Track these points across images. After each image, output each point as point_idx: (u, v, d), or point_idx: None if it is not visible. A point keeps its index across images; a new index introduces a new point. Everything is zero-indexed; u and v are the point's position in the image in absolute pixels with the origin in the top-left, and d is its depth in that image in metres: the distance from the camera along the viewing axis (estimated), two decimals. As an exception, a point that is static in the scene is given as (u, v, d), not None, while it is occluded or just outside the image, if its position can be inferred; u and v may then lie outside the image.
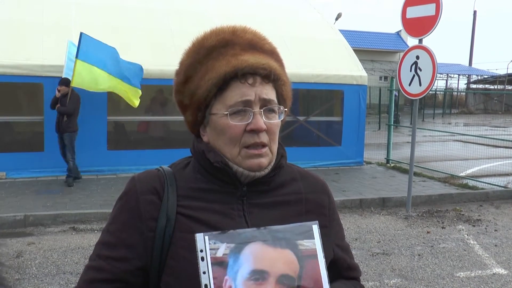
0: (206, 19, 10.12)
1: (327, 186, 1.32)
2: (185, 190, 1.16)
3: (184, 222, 1.12)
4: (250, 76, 1.11)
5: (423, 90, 6.94)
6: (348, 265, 1.31)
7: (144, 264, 1.12)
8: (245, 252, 0.99)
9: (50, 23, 9.23)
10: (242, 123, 1.11)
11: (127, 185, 1.20)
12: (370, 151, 12.42)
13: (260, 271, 0.99)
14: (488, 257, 5.60)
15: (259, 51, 1.14)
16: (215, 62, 1.12)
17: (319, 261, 1.04)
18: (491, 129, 22.86)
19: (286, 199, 1.20)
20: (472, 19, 44.94)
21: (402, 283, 4.80)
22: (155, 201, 1.14)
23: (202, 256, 0.97)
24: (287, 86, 1.19)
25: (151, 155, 9.24)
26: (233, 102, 1.11)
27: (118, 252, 1.13)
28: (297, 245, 1.03)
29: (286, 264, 1.01)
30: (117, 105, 10.17)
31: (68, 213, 6.57)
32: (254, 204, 1.17)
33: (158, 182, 1.16)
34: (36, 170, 8.62)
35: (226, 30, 1.16)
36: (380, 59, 35.79)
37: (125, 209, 1.16)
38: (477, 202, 8.20)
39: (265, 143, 1.13)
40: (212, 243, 0.98)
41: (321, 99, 11.44)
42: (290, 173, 1.26)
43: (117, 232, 1.15)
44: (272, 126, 1.14)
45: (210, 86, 1.11)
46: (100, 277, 1.13)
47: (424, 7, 6.89)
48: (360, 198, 7.78)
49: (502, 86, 40.63)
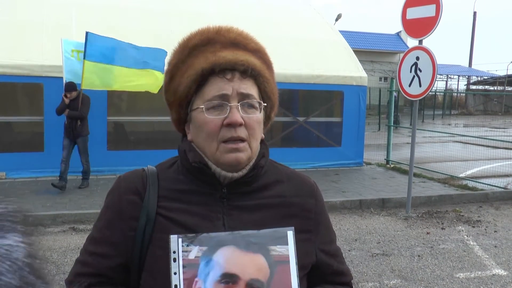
0: (206, 20, 10.07)
1: (315, 189, 1.29)
2: (167, 191, 1.17)
3: (163, 222, 1.13)
4: (228, 71, 1.11)
5: (423, 91, 6.94)
6: (334, 270, 1.28)
7: (125, 261, 1.16)
8: (217, 256, 1.00)
9: (51, 23, 9.23)
10: (219, 117, 1.11)
11: (114, 184, 1.23)
12: (370, 152, 12.43)
13: (231, 275, 1.00)
14: (488, 258, 5.60)
15: (241, 49, 1.14)
16: (194, 60, 1.13)
17: (291, 267, 1.04)
18: (491, 130, 22.87)
19: (269, 202, 1.18)
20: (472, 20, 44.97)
21: (402, 284, 4.80)
22: (136, 201, 1.16)
23: (175, 257, 1.00)
24: (271, 84, 1.19)
25: (151, 155, 9.21)
26: (211, 96, 1.11)
27: (102, 248, 1.17)
28: (270, 250, 1.03)
29: (257, 269, 1.01)
30: (117, 105, 10.17)
31: (68, 213, 6.58)
32: (235, 206, 1.16)
33: (141, 182, 1.18)
34: (36, 170, 8.62)
35: (211, 29, 1.17)
36: (380, 60, 35.81)
37: (110, 208, 1.20)
38: (476, 203, 8.20)
39: (243, 137, 1.11)
40: (185, 245, 1.00)
41: (321, 100, 11.44)
42: (276, 175, 1.23)
43: (102, 229, 1.20)
44: (250, 121, 1.12)
45: (189, 83, 1.13)
46: (85, 271, 1.18)
47: (424, 8, 6.90)
48: (360, 199, 7.78)
49: (502, 87, 40.65)
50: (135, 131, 11.06)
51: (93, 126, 8.87)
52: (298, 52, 10.58)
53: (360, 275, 4.99)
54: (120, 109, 10.79)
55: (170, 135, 11.08)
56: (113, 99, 9.44)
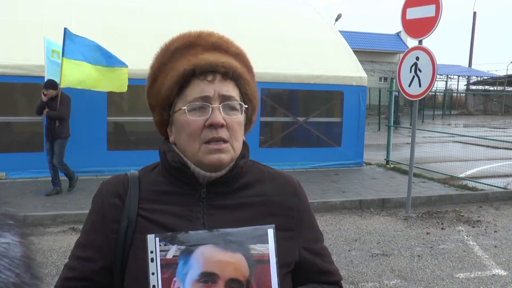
0: (207, 20, 10.13)
1: (298, 187, 1.29)
2: (148, 193, 1.19)
3: (144, 224, 1.15)
4: (209, 73, 1.13)
5: (423, 91, 6.94)
6: (320, 269, 1.27)
7: (109, 264, 1.17)
8: (196, 255, 0.99)
9: (50, 23, 9.23)
10: (201, 118, 1.12)
11: (98, 189, 1.25)
12: (370, 152, 12.43)
13: (210, 274, 0.99)
14: (488, 258, 5.60)
15: (222, 52, 1.16)
16: (176, 62, 1.15)
17: (271, 266, 1.02)
18: (491, 130, 22.87)
19: (250, 201, 1.19)
20: (472, 20, 44.97)
21: (402, 284, 4.80)
22: (118, 203, 1.18)
23: (152, 257, 0.99)
24: (251, 86, 1.20)
25: (151, 156, 9.20)
26: (192, 98, 1.13)
27: (87, 252, 1.20)
28: (249, 249, 1.02)
29: (236, 268, 1.00)
30: (117, 105, 10.17)
31: (68, 214, 6.58)
32: (214, 206, 1.17)
33: (122, 186, 1.21)
34: (36, 171, 8.62)
35: (193, 34, 1.19)
36: (380, 60, 35.81)
37: (94, 212, 1.23)
38: (476, 203, 8.20)
39: (225, 138, 1.13)
40: (163, 244, 0.99)
41: (320, 100, 11.44)
42: (257, 174, 1.24)
43: (87, 233, 1.22)
44: (232, 123, 1.14)
45: (171, 84, 1.14)
46: (71, 275, 1.20)
47: (424, 8, 6.90)
48: (360, 199, 7.78)
49: (502, 87, 40.66)
50: (135, 131, 11.05)
51: (93, 126, 8.89)
52: (298, 52, 10.58)
53: (360, 275, 5.00)
54: (120, 109, 10.78)
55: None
56: (113, 99, 9.43)
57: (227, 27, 9.99)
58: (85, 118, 8.73)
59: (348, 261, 5.37)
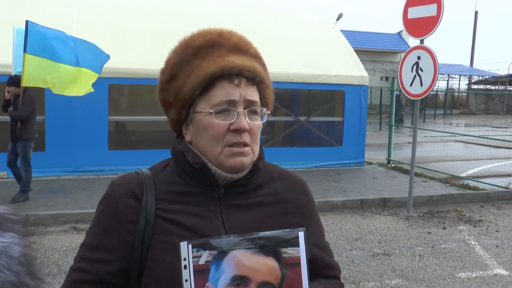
0: (207, 20, 10.11)
1: (305, 185, 1.33)
2: (164, 193, 1.18)
3: (163, 224, 1.14)
4: (235, 77, 1.13)
5: (424, 91, 6.94)
6: (327, 264, 1.31)
7: (125, 266, 1.15)
8: (228, 259, 1.00)
9: (51, 23, 9.21)
10: (225, 122, 1.13)
11: (107, 189, 1.22)
12: (371, 152, 12.42)
13: (242, 277, 0.99)
14: (489, 257, 5.60)
15: (245, 54, 1.17)
16: (202, 62, 1.14)
17: (302, 269, 1.03)
18: (492, 129, 22.84)
19: (264, 200, 1.21)
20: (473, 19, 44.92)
21: (403, 284, 4.80)
22: (134, 204, 1.16)
23: (185, 264, 0.99)
24: (270, 90, 1.22)
25: (152, 155, 9.22)
26: (218, 101, 1.13)
27: (99, 254, 1.16)
28: (281, 252, 1.02)
29: (268, 271, 1.01)
30: (118, 104, 10.18)
31: (69, 213, 6.58)
32: (232, 205, 1.18)
33: (137, 186, 1.18)
34: (37, 170, 8.61)
35: (213, 32, 1.19)
36: (381, 60, 35.78)
37: (105, 213, 1.19)
38: (478, 202, 8.19)
39: (247, 143, 1.15)
40: (195, 251, 0.99)
41: (322, 99, 11.44)
42: (268, 174, 1.27)
43: (99, 235, 1.18)
44: (254, 127, 1.16)
45: (196, 85, 1.13)
46: (83, 278, 1.16)
47: (426, 8, 6.89)
48: (361, 199, 7.78)
49: (504, 87, 40.61)
50: (136, 131, 11.06)
51: (94, 125, 8.89)
52: (299, 51, 10.57)
53: (361, 274, 4.99)
54: (121, 109, 10.80)
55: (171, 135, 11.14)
56: (114, 98, 9.44)
57: (228, 27, 9.98)
58: (86, 117, 8.74)
59: (349, 260, 5.36)
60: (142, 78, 8.95)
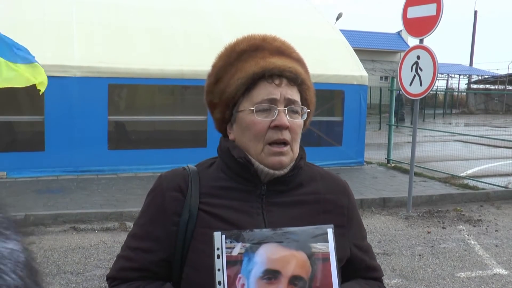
0: (207, 19, 10.13)
1: (347, 187, 1.37)
2: (208, 188, 1.23)
3: (205, 218, 1.19)
4: (277, 77, 1.19)
5: (424, 90, 6.93)
6: (367, 266, 1.34)
7: (168, 256, 1.21)
8: (260, 252, 1.02)
9: (51, 22, 9.23)
10: (267, 119, 1.18)
11: (155, 182, 1.28)
12: (371, 151, 12.42)
13: (273, 271, 1.02)
14: (489, 257, 5.60)
15: (287, 56, 1.23)
16: (244, 64, 1.20)
17: (331, 264, 1.06)
18: (492, 129, 22.85)
19: (305, 198, 1.25)
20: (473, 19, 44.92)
21: (403, 283, 4.80)
22: (179, 197, 1.22)
23: (218, 254, 1.02)
24: (311, 91, 1.28)
25: (152, 155, 9.24)
26: (260, 99, 1.18)
27: (145, 244, 1.23)
28: (311, 247, 1.05)
29: (298, 265, 1.03)
30: (118, 104, 10.18)
31: (69, 213, 6.57)
32: (273, 203, 1.22)
33: (183, 180, 1.24)
34: (37, 170, 8.62)
35: (257, 37, 1.26)
36: (381, 59, 35.79)
37: (152, 205, 1.26)
38: (477, 202, 8.19)
39: (287, 140, 1.19)
40: (229, 242, 1.02)
41: (321, 99, 11.36)
42: (310, 174, 1.31)
43: (145, 226, 1.25)
44: (294, 125, 1.20)
45: (239, 85, 1.19)
46: (128, 265, 1.24)
47: (425, 7, 6.89)
48: (361, 198, 7.77)
49: (503, 86, 40.59)
50: (136, 131, 11.05)
51: (94, 125, 8.88)
52: (298, 51, 10.55)
53: (361, 274, 4.99)
54: (121, 108, 10.79)
55: (171, 134, 11.11)
56: (114, 98, 9.44)
57: (228, 25, 9.99)
58: (86, 117, 8.72)
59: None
60: (142, 78, 8.94)
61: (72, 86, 8.53)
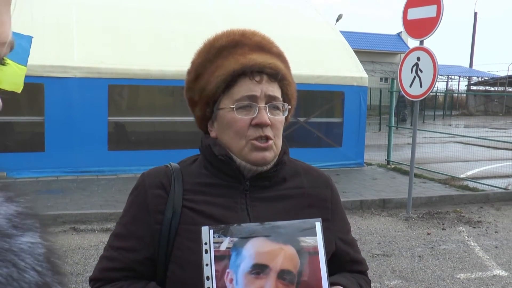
0: (207, 20, 10.12)
1: (330, 180, 1.36)
2: (191, 185, 1.22)
3: (189, 215, 1.18)
4: (257, 74, 1.17)
5: (424, 92, 6.94)
6: (352, 259, 1.34)
7: (152, 254, 1.20)
8: (248, 247, 1.02)
9: (51, 23, 9.23)
10: (247, 117, 1.17)
11: (138, 181, 1.27)
12: (371, 152, 12.42)
13: (262, 265, 1.02)
14: (489, 258, 5.60)
15: (267, 52, 1.21)
16: (224, 60, 1.18)
17: (320, 258, 1.06)
18: (492, 130, 22.86)
19: (288, 193, 1.25)
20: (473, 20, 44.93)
21: (403, 285, 4.79)
22: (162, 195, 1.21)
23: (206, 248, 1.01)
24: (292, 87, 1.26)
25: (151, 156, 9.23)
26: (240, 96, 1.17)
27: (128, 243, 1.22)
28: (299, 241, 1.05)
29: (287, 259, 1.03)
30: (118, 105, 10.17)
31: (69, 214, 6.57)
32: (257, 198, 1.22)
33: (165, 177, 1.23)
34: (37, 170, 8.62)
35: (236, 32, 1.24)
36: (381, 61, 35.80)
37: (135, 203, 1.25)
38: (477, 203, 8.19)
39: (270, 136, 1.18)
40: (216, 236, 1.02)
41: (321, 100, 11.44)
42: (293, 168, 1.30)
43: (128, 225, 1.24)
44: (276, 122, 1.19)
45: (219, 82, 1.18)
46: (111, 266, 1.22)
47: (425, 9, 6.89)
48: (361, 199, 7.77)
49: (503, 88, 40.61)
50: (136, 131, 11.06)
51: (94, 126, 8.88)
52: (298, 52, 10.56)
53: (361, 275, 4.99)
54: (121, 109, 10.79)
55: (170, 135, 11.09)
56: (114, 99, 9.44)
57: (227, 27, 9.93)
58: (86, 118, 8.72)
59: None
60: (142, 79, 8.94)
61: (72, 87, 8.53)
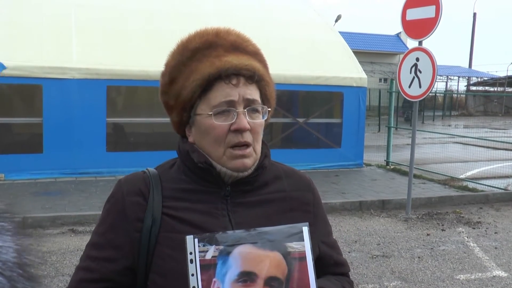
0: (206, 21, 10.10)
1: (312, 183, 1.33)
2: (170, 191, 1.18)
3: (169, 222, 1.14)
4: (233, 76, 1.12)
5: (423, 92, 6.93)
6: (335, 261, 1.32)
7: (131, 263, 1.15)
8: (234, 254, 0.99)
9: (50, 24, 9.22)
10: (226, 123, 1.13)
11: (114, 188, 1.22)
12: (370, 153, 12.41)
13: (248, 273, 0.99)
14: (488, 259, 5.59)
15: (242, 52, 1.16)
16: (199, 64, 1.14)
17: (308, 263, 1.03)
18: (491, 131, 22.87)
19: (270, 197, 1.22)
20: (472, 21, 44.97)
21: (402, 286, 4.78)
22: (141, 202, 1.16)
23: (191, 258, 0.98)
24: (271, 86, 1.22)
25: (150, 157, 9.21)
26: (217, 102, 1.12)
27: (106, 252, 1.16)
28: (286, 247, 1.02)
29: (274, 266, 1.01)
30: (116, 106, 10.15)
31: (67, 215, 6.55)
32: (238, 203, 1.18)
33: (144, 184, 1.18)
34: (35, 172, 8.60)
35: (210, 32, 1.18)
36: (380, 61, 35.82)
37: (112, 211, 1.19)
38: (477, 204, 8.18)
39: (249, 142, 1.14)
40: (202, 245, 0.99)
41: (320, 101, 11.43)
42: (275, 172, 1.27)
43: (105, 234, 1.18)
44: (255, 126, 1.15)
45: (194, 87, 1.13)
46: (88, 277, 1.16)
47: (424, 9, 6.89)
48: (360, 200, 7.76)
49: (502, 88, 40.64)
50: (134, 133, 11.04)
51: (92, 127, 8.87)
52: (297, 53, 10.57)
53: (360, 276, 4.98)
54: (119, 110, 10.77)
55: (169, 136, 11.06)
56: (112, 100, 9.42)
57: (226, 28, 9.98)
58: (84, 119, 8.71)
59: (348, 262, 5.34)
60: (140, 80, 8.93)
61: (71, 88, 8.52)
